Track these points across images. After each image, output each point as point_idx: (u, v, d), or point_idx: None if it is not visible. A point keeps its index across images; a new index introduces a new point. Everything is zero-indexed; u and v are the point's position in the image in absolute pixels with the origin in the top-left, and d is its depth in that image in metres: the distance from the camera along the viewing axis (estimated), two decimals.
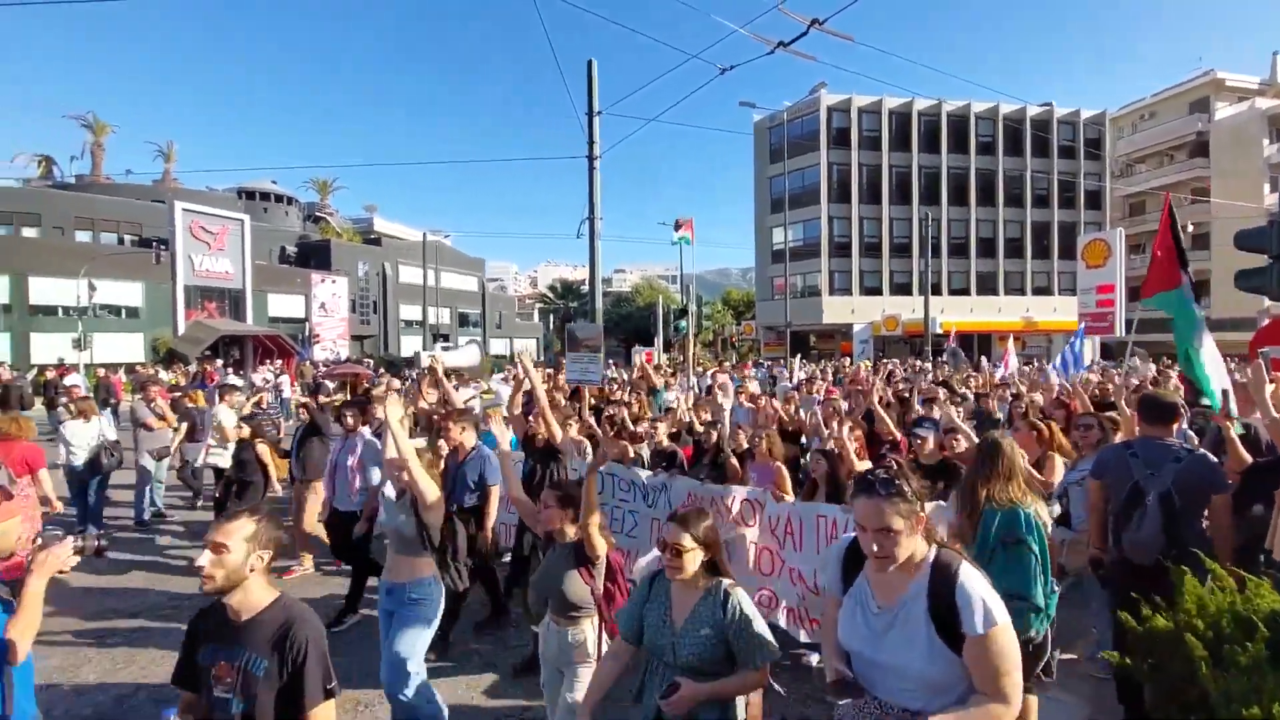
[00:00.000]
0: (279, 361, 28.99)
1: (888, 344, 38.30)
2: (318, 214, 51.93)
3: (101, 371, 20.51)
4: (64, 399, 9.10)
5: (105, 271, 29.40)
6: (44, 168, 43.22)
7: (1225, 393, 4.70)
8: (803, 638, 4.37)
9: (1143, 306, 6.18)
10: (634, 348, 32.06)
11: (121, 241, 33.74)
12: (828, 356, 32.24)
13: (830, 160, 38.79)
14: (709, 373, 15.69)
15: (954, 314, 35.53)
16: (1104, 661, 4.10)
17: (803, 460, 6.23)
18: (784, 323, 31.40)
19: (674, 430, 7.00)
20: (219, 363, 28.16)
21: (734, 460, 5.47)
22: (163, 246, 31.24)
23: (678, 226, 21.50)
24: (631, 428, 7.09)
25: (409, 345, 43.53)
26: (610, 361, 18.40)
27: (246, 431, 6.59)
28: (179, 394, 10.68)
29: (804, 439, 6.98)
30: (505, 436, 3.94)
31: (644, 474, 5.40)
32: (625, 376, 14.35)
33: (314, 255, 42.29)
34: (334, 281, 40.40)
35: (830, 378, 14.90)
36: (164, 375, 19.21)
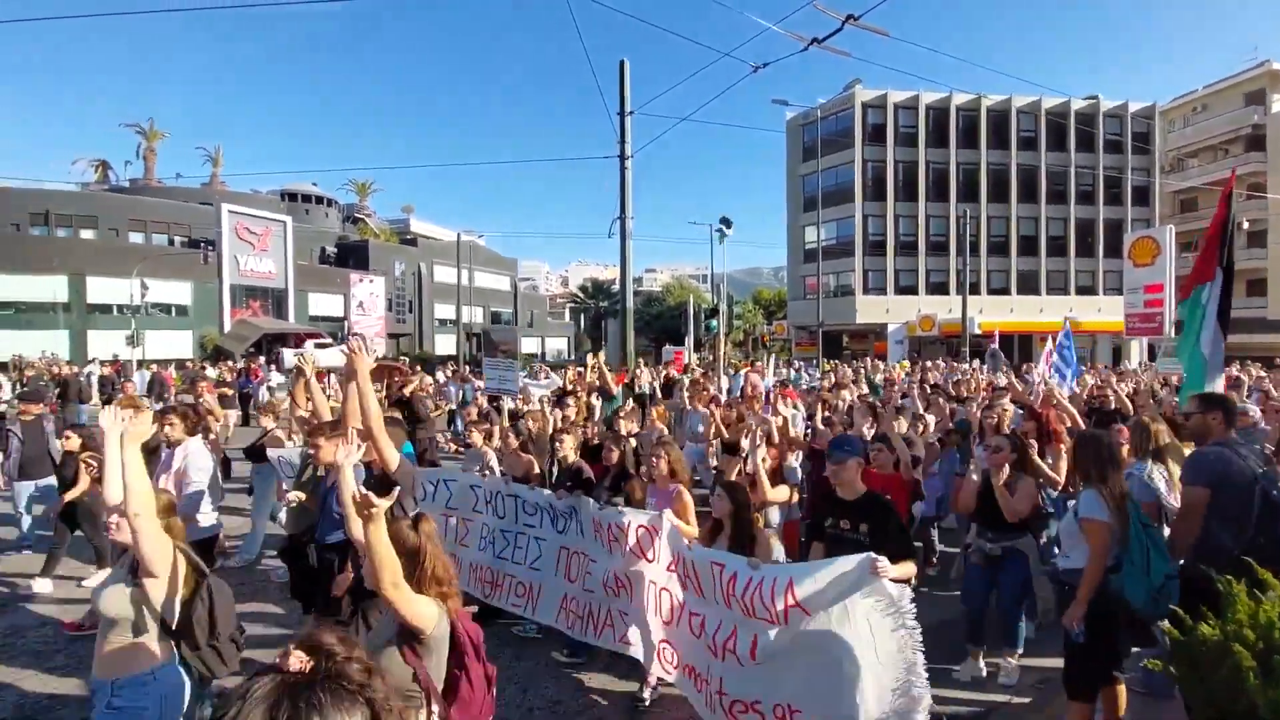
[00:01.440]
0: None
1: (923, 344, 37.53)
2: (356, 215, 53.18)
3: (154, 367, 21.40)
4: (120, 394, 9.53)
5: (156, 271, 30.63)
6: (100, 172, 45.21)
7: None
8: (706, 716, 3.42)
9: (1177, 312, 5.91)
10: (664, 347, 32.10)
11: (172, 242, 35.10)
12: (859, 357, 31.75)
13: (865, 158, 38.17)
14: (741, 372, 15.64)
15: (993, 314, 34.65)
16: (1143, 676, 3.99)
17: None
18: (816, 322, 31.04)
19: (594, 442, 6.24)
20: (262, 360, 29.11)
21: (638, 485, 4.86)
22: (210, 247, 32.39)
23: (726, 224, 21.36)
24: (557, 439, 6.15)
25: (443, 344, 44.30)
26: (640, 360, 18.44)
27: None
28: (225, 389, 11.10)
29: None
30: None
31: (548, 494, 4.78)
32: (650, 377, 14.34)
33: (352, 255, 43.33)
34: (371, 281, 41.34)
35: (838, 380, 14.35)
36: (210, 371, 19.93)
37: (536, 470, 5.74)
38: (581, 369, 17.63)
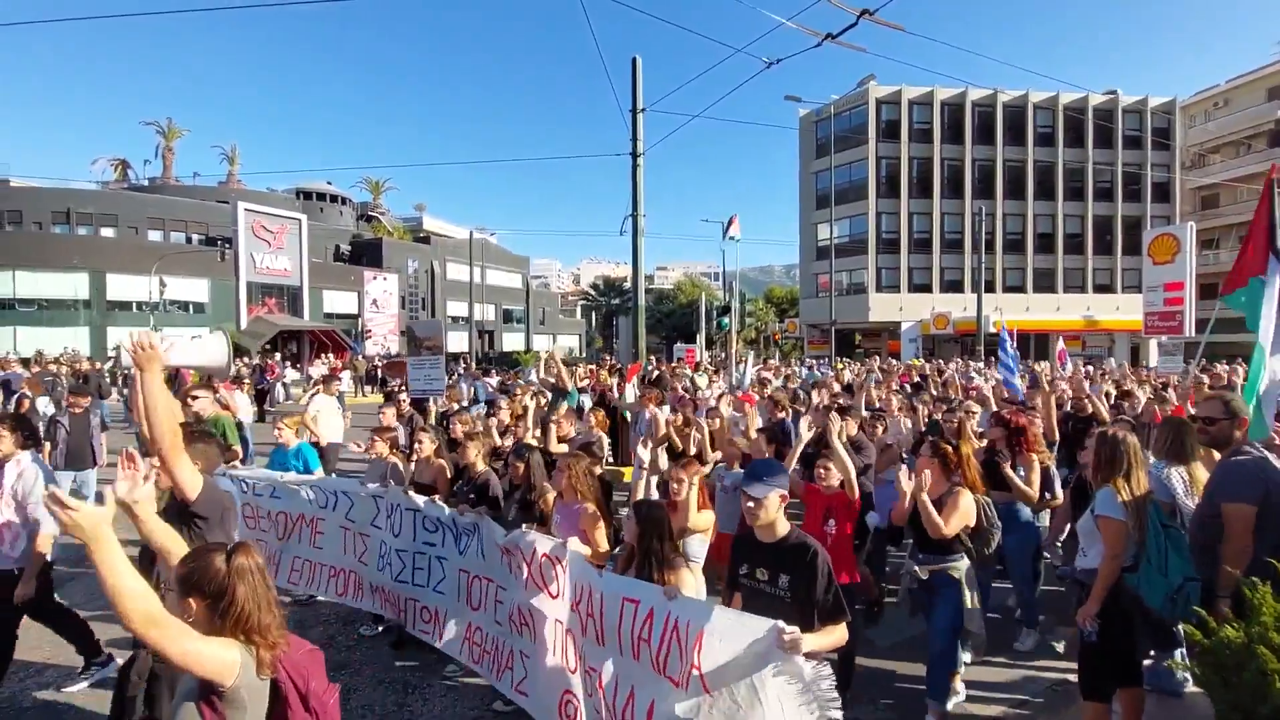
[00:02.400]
0: (332, 355, 30.09)
1: (938, 343, 37.23)
2: (370, 213, 53.60)
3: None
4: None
5: (174, 269, 31.06)
6: (120, 171, 45.86)
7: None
8: None
9: (1222, 304, 5.40)
10: (676, 345, 32.09)
11: (189, 240, 35.57)
12: (872, 355, 31.54)
13: (879, 154, 37.88)
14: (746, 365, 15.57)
15: (1009, 312, 34.14)
16: (1149, 674, 3.94)
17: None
18: (828, 320, 30.86)
19: (504, 446, 5.58)
20: (278, 356, 29.44)
21: (549, 498, 4.32)
22: (227, 245, 32.79)
23: (729, 225, 21.29)
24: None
25: (456, 341, 44.59)
26: (652, 357, 18.42)
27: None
28: (242, 386, 11.22)
29: (717, 464, 5.52)
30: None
31: (450, 510, 4.22)
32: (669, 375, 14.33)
33: (366, 253, 43.69)
34: (385, 279, 41.66)
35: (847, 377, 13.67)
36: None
37: (449, 475, 5.13)
38: (594, 365, 17.66)
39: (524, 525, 3.85)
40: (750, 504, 2.77)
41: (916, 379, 14.24)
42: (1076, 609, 3.37)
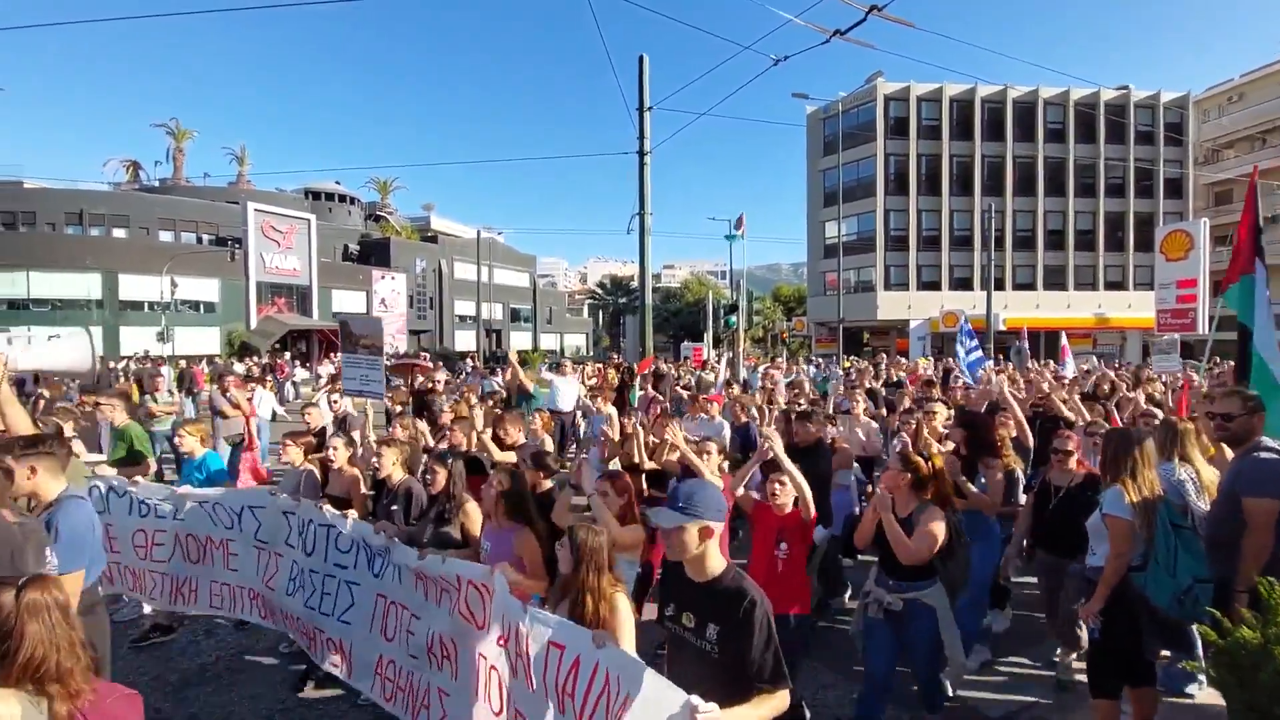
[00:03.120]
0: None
1: (946, 341, 37.00)
2: (378, 213, 53.85)
3: (183, 363, 21.90)
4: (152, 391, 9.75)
5: (185, 269, 31.32)
6: (131, 172, 46.29)
7: None
8: None
9: (1222, 304, 5.48)
10: (683, 343, 32.05)
11: (200, 241, 35.85)
12: (880, 353, 31.40)
13: (887, 151, 37.70)
14: (760, 368, 15.56)
15: (1018, 310, 34.05)
16: (1177, 681, 3.90)
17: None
18: (836, 319, 30.74)
19: (409, 460, 4.79)
20: (287, 355, 29.64)
21: (470, 513, 3.90)
22: (237, 245, 33.03)
23: (738, 224, 21.19)
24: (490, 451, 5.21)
25: (463, 340, 44.71)
26: (661, 356, 18.42)
27: None
28: (251, 384, 11.30)
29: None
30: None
31: (366, 526, 3.74)
32: (675, 372, 14.33)
33: (374, 253, 43.90)
34: (393, 278, 41.85)
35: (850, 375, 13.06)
36: (238, 367, 20.33)
37: (364, 489, 4.61)
38: (600, 364, 17.66)
39: (444, 545, 3.53)
40: (666, 533, 2.25)
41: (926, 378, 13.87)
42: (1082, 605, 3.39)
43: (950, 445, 4.89)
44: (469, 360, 26.73)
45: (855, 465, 6.24)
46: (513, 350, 9.24)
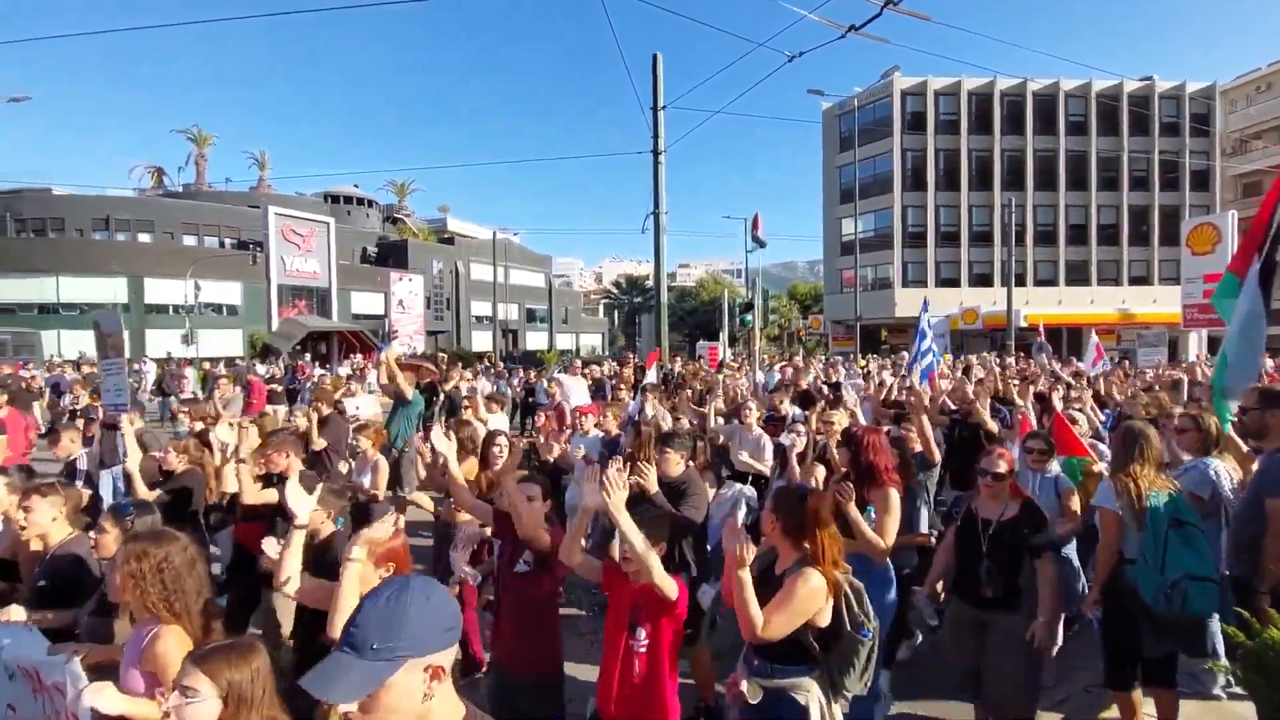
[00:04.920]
0: (360, 355, 30.63)
1: (966, 338, 36.57)
2: (396, 215, 54.41)
3: (207, 365, 22.30)
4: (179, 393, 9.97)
5: (208, 272, 31.89)
6: (155, 178, 47.27)
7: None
8: None
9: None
10: (699, 342, 32.02)
11: (222, 244, 36.48)
12: (897, 351, 31.11)
13: (904, 147, 37.33)
14: (775, 366, 15.50)
15: (1039, 306, 33.52)
16: (1203, 683, 3.84)
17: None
18: (853, 316, 30.51)
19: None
20: (308, 357, 30.07)
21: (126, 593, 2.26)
22: (258, 248, 33.56)
23: (755, 227, 20.91)
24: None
25: (480, 341, 45.01)
26: (675, 355, 18.39)
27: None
28: (274, 386, 11.50)
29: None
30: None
31: None
32: (687, 371, 14.28)
33: (392, 255, 44.34)
34: (411, 280, 42.24)
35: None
36: (260, 369, 20.65)
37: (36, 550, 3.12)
38: (620, 361, 17.64)
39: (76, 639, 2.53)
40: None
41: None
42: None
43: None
44: (485, 360, 26.91)
45: (748, 488, 5.36)
46: (390, 350, 7.52)
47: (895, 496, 3.43)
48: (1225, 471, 3.70)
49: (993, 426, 5.39)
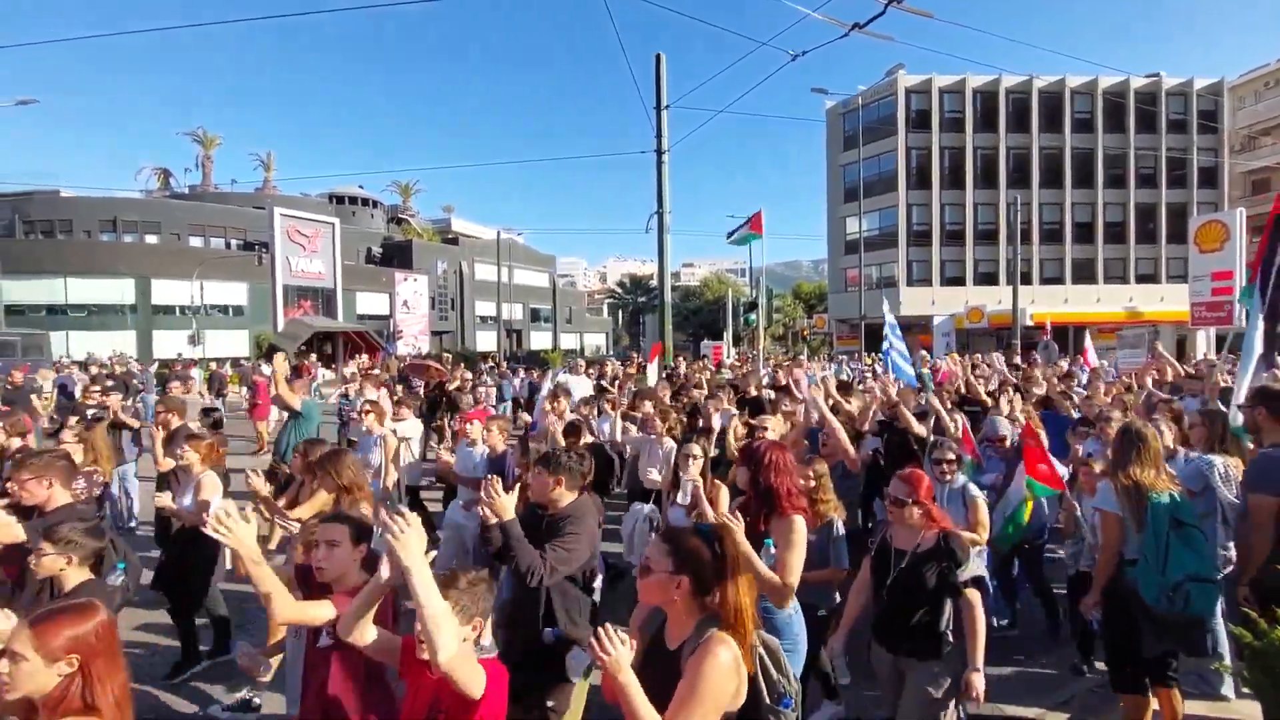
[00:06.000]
0: (365, 356, 30.72)
1: (972, 337, 36.43)
2: (400, 216, 54.56)
3: (214, 365, 22.41)
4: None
5: (214, 273, 32.05)
6: (162, 180, 47.51)
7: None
8: None
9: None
10: (703, 341, 32.00)
11: (228, 245, 36.65)
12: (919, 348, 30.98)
13: (909, 145, 37.22)
14: (779, 367, 15.44)
15: (1046, 305, 33.39)
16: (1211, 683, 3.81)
17: None
18: (858, 315, 30.43)
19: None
20: (313, 357, 30.18)
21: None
22: (264, 249, 33.70)
23: (752, 224, 20.72)
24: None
25: (485, 340, 45.11)
26: (679, 355, 18.37)
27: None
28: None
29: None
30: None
31: None
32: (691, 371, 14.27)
33: (397, 255, 44.46)
34: (415, 280, 42.35)
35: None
36: (265, 369, 20.73)
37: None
38: (625, 361, 17.65)
39: None
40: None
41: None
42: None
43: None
44: (489, 360, 26.97)
45: (649, 507, 4.93)
46: (279, 357, 6.54)
47: (800, 526, 2.79)
48: (1229, 470, 3.70)
49: (920, 430, 4.97)
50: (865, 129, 35.75)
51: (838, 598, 3.48)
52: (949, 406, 5.69)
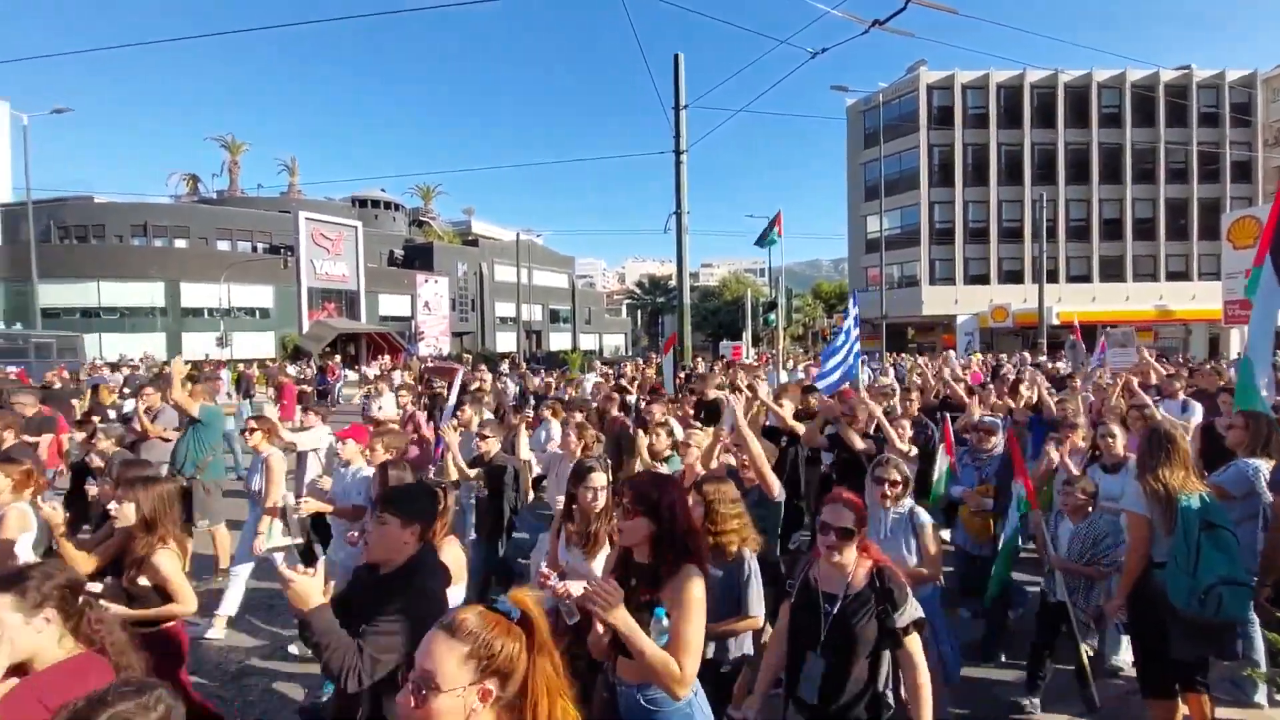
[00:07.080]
0: (388, 357, 31.14)
1: (996, 336, 35.85)
2: (421, 218, 55.16)
3: (241, 366, 22.88)
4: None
5: (241, 277, 32.72)
6: (191, 185, 48.59)
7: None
8: None
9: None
10: (722, 342, 31.90)
11: (255, 249, 37.41)
12: (925, 350, 30.62)
13: (931, 142, 36.74)
14: (800, 366, 15.39)
15: (1073, 303, 32.72)
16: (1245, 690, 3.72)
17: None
18: (879, 315, 30.12)
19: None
20: (337, 358, 30.67)
21: None
22: (289, 253, 34.34)
23: (774, 226, 20.55)
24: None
25: (505, 341, 45.46)
26: (698, 355, 18.32)
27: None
28: (304, 387, 11.75)
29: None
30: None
31: None
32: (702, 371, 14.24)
33: (418, 257, 45.00)
34: (436, 282, 42.83)
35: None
36: (291, 369, 21.12)
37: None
38: (642, 361, 17.63)
39: None
40: None
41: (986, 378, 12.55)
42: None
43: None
44: (507, 360, 27.15)
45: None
46: (177, 360, 6.40)
47: (700, 586, 2.04)
48: (1267, 469, 3.61)
49: (861, 446, 4.40)
50: (886, 126, 35.37)
51: (747, 647, 2.80)
52: (938, 405, 5.50)
